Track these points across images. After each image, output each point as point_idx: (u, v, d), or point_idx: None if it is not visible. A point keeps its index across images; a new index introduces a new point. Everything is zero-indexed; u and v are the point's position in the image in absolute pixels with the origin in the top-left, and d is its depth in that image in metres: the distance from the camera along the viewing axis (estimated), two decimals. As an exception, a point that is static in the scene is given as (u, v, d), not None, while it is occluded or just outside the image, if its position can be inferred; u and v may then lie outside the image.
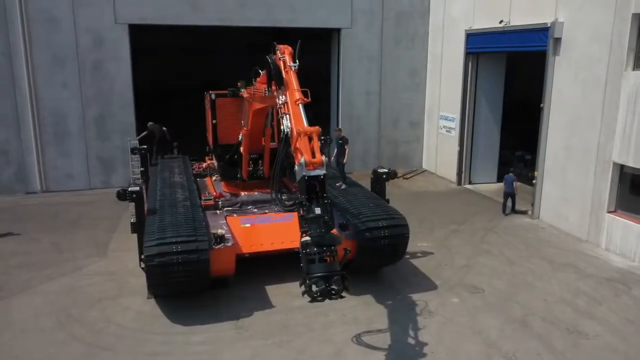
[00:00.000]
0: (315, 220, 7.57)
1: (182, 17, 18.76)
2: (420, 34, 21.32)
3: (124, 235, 14.56)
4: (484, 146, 19.61)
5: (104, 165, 19.12)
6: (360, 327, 9.82)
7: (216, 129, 14.62)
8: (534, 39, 15.06)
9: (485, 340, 9.41)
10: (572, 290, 11.30)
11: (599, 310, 10.42)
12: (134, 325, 10.02)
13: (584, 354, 8.94)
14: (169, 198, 12.13)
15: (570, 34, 14.00)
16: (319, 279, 7.27)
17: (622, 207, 13.15)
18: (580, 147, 13.95)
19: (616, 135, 12.78)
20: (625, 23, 12.33)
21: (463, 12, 18.90)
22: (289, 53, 9.21)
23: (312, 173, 7.70)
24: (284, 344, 9.33)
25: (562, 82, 14.43)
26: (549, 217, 15.26)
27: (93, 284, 11.72)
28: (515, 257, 13.13)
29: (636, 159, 12.34)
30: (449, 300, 10.93)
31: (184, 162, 16.37)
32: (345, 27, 20.52)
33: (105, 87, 18.54)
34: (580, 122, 13.87)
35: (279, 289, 11.44)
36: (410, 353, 9.02)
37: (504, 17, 16.47)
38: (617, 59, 12.64)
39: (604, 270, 12.25)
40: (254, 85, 11.55)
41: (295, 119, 8.44)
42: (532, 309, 10.49)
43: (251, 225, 11.73)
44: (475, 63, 18.78)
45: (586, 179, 13.81)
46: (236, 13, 19.27)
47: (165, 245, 9.51)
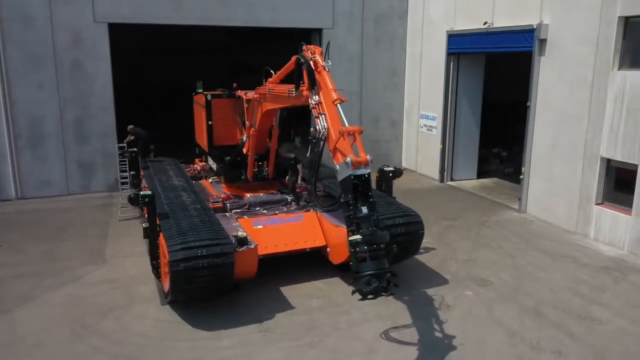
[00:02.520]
0: (366, 219, 7.65)
1: (162, 17, 18.29)
2: (399, 35, 21.72)
3: (118, 241, 14.18)
4: (464, 144, 20.22)
5: (83, 170, 18.38)
6: (385, 324, 9.96)
7: (212, 130, 14.39)
8: (520, 40, 15.69)
9: (507, 330, 9.76)
10: (574, 279, 11.89)
11: (603, 297, 11.02)
12: (155, 333, 9.74)
13: (602, 338, 9.44)
14: (177, 202, 11.85)
15: (556, 36, 14.69)
16: (372, 277, 7.36)
17: (608, 199, 13.93)
18: (567, 143, 14.66)
19: (604, 131, 13.52)
20: (611, 25, 13.07)
21: (443, 14, 19.42)
22: (320, 53, 9.23)
23: (358, 172, 7.77)
24: (315, 345, 9.34)
25: (548, 81, 15.11)
26: (536, 210, 15.95)
27: (99, 292, 11.30)
28: (513, 249, 13.66)
29: (623, 153, 13.12)
30: (462, 293, 11.25)
31: (175, 164, 16.01)
32: (327, 27, 20.63)
33: (84, 88, 17.82)
34: (567, 119, 14.57)
35: (294, 289, 11.43)
36: (440, 346, 9.24)
37: (486, 19, 17.05)
38: (603, 59, 13.38)
39: (597, 259, 12.95)
40: (264, 86, 11.47)
41: (333, 119, 8.49)
42: (541, 298, 10.97)
43: (263, 226, 11.66)
44: (457, 63, 19.34)
45: (574, 174, 14.53)
46: (217, 12, 18.99)
47: (190, 250, 9.31)
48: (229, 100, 14.44)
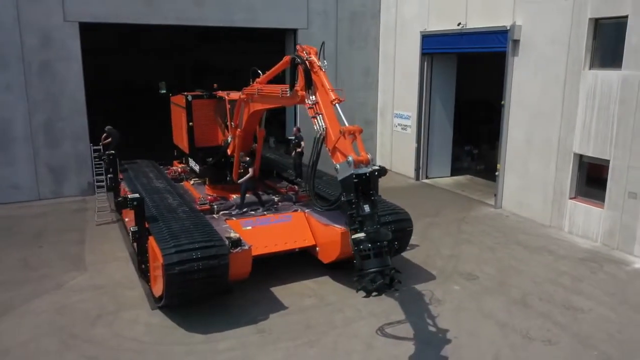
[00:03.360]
0: (369, 217, 7.75)
1: (136, 16, 17.93)
2: (372, 34, 21.98)
3: (97, 247, 13.84)
4: (438, 142, 20.65)
5: (54, 174, 17.79)
6: (380, 320, 10.10)
7: (192, 132, 14.20)
8: (493, 40, 16.15)
9: (497, 322, 10.07)
10: (554, 270, 12.35)
11: (583, 287, 11.50)
12: (149, 338, 9.57)
13: (586, 326, 9.86)
14: (163, 204, 11.67)
15: (529, 36, 15.20)
16: (376, 274, 7.46)
17: (581, 193, 14.53)
18: (541, 140, 15.20)
19: (576, 128, 14.09)
20: (582, 27, 13.63)
21: (416, 14, 19.77)
22: (315, 53, 9.27)
23: (360, 171, 7.86)
24: (313, 344, 9.38)
25: (521, 80, 15.62)
26: (512, 205, 16.46)
27: (84, 299, 10.99)
28: (494, 244, 14.06)
29: (595, 149, 13.71)
30: (450, 288, 11.53)
31: (154, 166, 15.72)
32: (302, 27, 20.67)
33: (54, 90, 17.26)
34: (541, 117, 15.11)
35: (285, 289, 11.44)
36: (436, 340, 9.44)
37: (460, 20, 17.47)
38: (575, 59, 13.94)
39: (574, 251, 13.49)
40: (251, 86, 11.41)
41: (331, 119, 8.56)
42: (526, 290, 11.35)
43: (252, 227, 11.61)
44: (430, 63, 19.72)
45: (547, 169, 15.08)
46: (192, 12, 18.74)
47: (185, 253, 9.20)
48: (209, 101, 14.28)
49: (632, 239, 12.97)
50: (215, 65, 35.31)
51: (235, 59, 34.56)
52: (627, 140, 12.84)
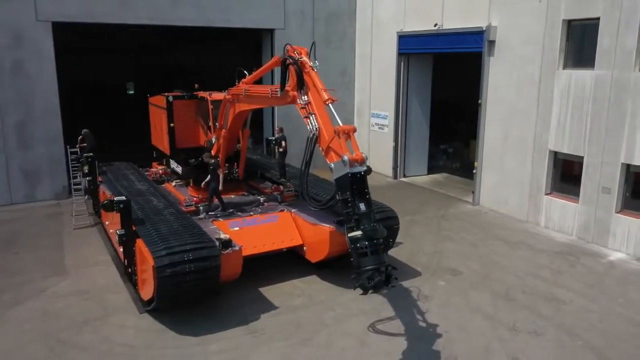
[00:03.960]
0: (366, 215, 7.84)
1: (111, 16, 17.59)
2: (348, 35, 22.14)
3: (76, 251, 13.56)
4: (415, 141, 20.95)
5: (27, 178, 17.28)
6: (370, 317, 10.22)
7: (173, 133, 14.03)
8: (470, 41, 16.51)
9: (484, 315, 10.32)
10: (534, 264, 12.72)
11: (562, 279, 11.89)
12: (140, 342, 9.44)
13: (569, 316, 10.21)
14: (148, 207, 11.51)
15: (504, 37, 15.60)
16: (374, 271, 7.56)
17: (556, 189, 15.00)
18: (517, 138, 15.62)
19: (551, 126, 14.55)
20: (556, 28, 14.08)
21: (393, 15, 20.01)
22: (306, 53, 9.31)
23: (355, 170, 7.95)
24: (307, 342, 9.43)
25: (497, 80, 16.02)
26: (489, 202, 16.86)
27: (68, 305, 10.75)
28: (475, 240, 14.38)
29: (570, 146, 14.18)
30: (436, 283, 11.74)
31: (134, 169, 15.47)
32: (279, 27, 20.66)
33: (27, 91, 16.77)
34: (517, 116, 15.53)
35: (273, 289, 11.44)
36: (427, 335, 9.62)
37: (436, 21, 17.79)
38: (549, 59, 14.38)
39: (551, 245, 13.92)
40: (237, 86, 11.37)
41: (324, 119, 8.62)
42: (509, 283, 11.67)
43: (240, 228, 11.57)
44: (407, 63, 20.00)
45: (524, 166, 15.51)
46: (167, 12, 18.51)
47: (176, 255, 9.12)
48: (190, 101, 14.14)
49: (606, 232, 13.47)
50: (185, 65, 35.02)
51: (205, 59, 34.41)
52: (601, 137, 13.33)
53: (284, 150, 14.38)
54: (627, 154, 12.84)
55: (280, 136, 14.45)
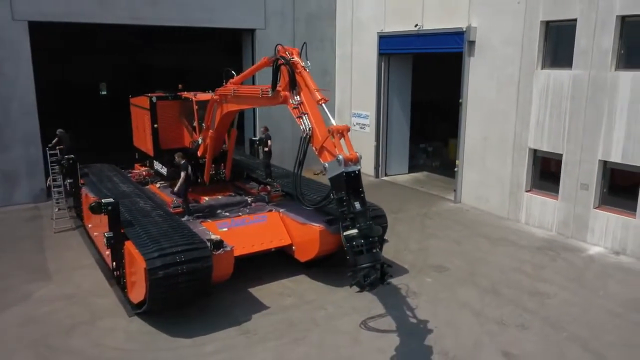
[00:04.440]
0: (361, 213, 7.94)
1: (89, 15, 17.30)
2: (329, 36, 22.24)
3: (59, 255, 13.35)
4: (396, 140, 21.19)
5: (4, 181, 16.87)
6: (361, 315, 10.33)
7: (157, 134, 13.90)
8: (450, 41, 16.79)
9: (472, 310, 10.54)
10: (517, 259, 13.03)
11: (545, 274, 12.22)
12: (132, 346, 9.36)
13: (553, 310, 10.51)
14: (135, 209, 11.39)
15: (484, 38, 15.92)
16: (370, 269, 7.66)
17: (536, 186, 15.38)
18: (497, 136, 15.96)
19: (531, 125, 14.91)
20: (535, 29, 14.44)
21: (373, 16, 20.19)
22: (297, 54, 9.36)
23: (350, 169, 8.04)
24: (299, 341, 9.48)
25: (478, 80, 16.33)
26: (470, 200, 17.18)
27: (55, 310, 10.57)
28: (458, 237, 14.64)
29: (549, 144, 14.56)
30: (424, 280, 11.93)
31: (116, 170, 15.26)
32: (260, 28, 20.63)
33: (2, 92, 16.37)
34: (497, 115, 15.86)
35: (262, 289, 11.46)
36: (418, 331, 9.77)
37: (416, 22, 18.02)
38: (528, 60, 14.74)
39: (532, 240, 14.27)
40: (225, 87, 11.35)
41: (317, 118, 8.69)
42: (494, 279, 11.93)
43: (229, 229, 11.55)
44: (387, 63, 20.22)
45: (504, 164, 15.86)
46: (148, 12, 18.29)
47: (168, 256, 9.07)
48: (174, 102, 14.03)
49: (585, 227, 13.89)
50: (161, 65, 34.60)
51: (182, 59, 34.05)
52: (579, 135, 13.73)
53: (269, 150, 14.38)
54: (604, 151, 13.26)
55: (265, 135, 14.45)
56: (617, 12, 12.61)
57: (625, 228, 13.03)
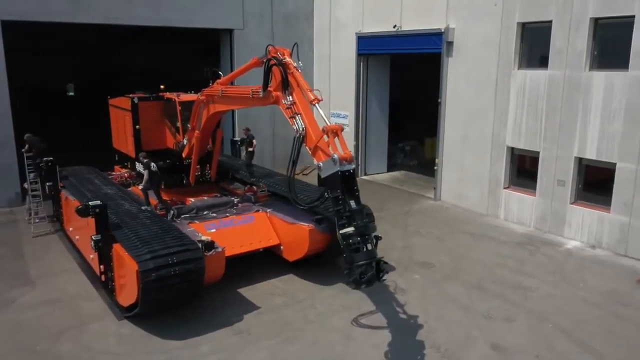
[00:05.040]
0: (358, 212, 8.05)
1: (63, 14, 16.91)
2: (307, 36, 22.32)
3: (40, 260, 13.08)
4: (375, 140, 21.42)
5: (-24, 184, 16.37)
6: (352, 312, 10.45)
7: (139, 135, 13.74)
8: (429, 42, 17.08)
9: (460, 305, 10.79)
10: (498, 255, 13.38)
11: (526, 268, 12.58)
12: (124, 349, 9.25)
13: (537, 303, 10.85)
14: (121, 211, 11.23)
15: (462, 39, 16.27)
16: (366, 266, 7.78)
17: (513, 183, 15.81)
18: (476, 135, 16.33)
19: (508, 123, 15.32)
20: (511, 30, 14.85)
21: (351, 17, 20.37)
22: (289, 54, 9.40)
23: (345, 168, 8.14)
24: (293, 340, 9.54)
25: (456, 80, 16.67)
26: (451, 197, 17.52)
27: (41, 315, 10.35)
28: (441, 234, 14.93)
29: (526, 142, 15.00)
30: (411, 277, 12.13)
31: (97, 172, 14.99)
32: (238, 28, 20.56)
33: (-27, 93, 15.89)
34: (475, 114, 16.23)
35: (252, 290, 11.47)
36: (409, 326, 9.95)
37: (395, 22, 18.28)
38: (505, 60, 15.14)
39: (512, 236, 14.67)
40: (211, 87, 11.31)
41: (310, 119, 8.76)
42: (479, 274, 12.23)
43: (217, 230, 11.51)
44: (366, 64, 20.43)
45: (483, 162, 16.24)
46: (123, 11, 17.99)
47: (161, 258, 8.99)
48: (156, 102, 13.90)
49: (562, 222, 14.35)
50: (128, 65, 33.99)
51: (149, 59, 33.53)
52: (555, 133, 14.19)
53: (253, 150, 14.34)
54: (580, 148, 13.74)
55: (248, 136, 14.41)
56: (591, 14, 13.09)
57: (601, 222, 13.53)
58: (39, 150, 15.06)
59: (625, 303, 10.84)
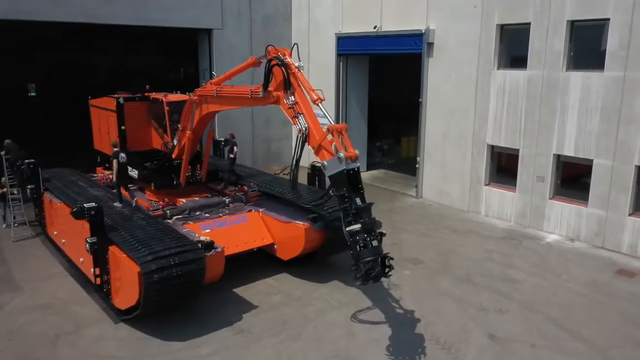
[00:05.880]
0: (365, 209, 8.21)
1: (41, 13, 16.46)
2: (285, 36, 22.36)
3: (24, 265, 12.83)
4: (354, 139, 21.06)
5: (-51, 189, 15.73)
6: (350, 308, 10.63)
7: (125, 136, 13.53)
8: (409, 43, 17.42)
9: (453, 298, 11.10)
10: (484, 249, 13.79)
11: (512, 261, 13.02)
12: (125, 352, 9.16)
13: (526, 294, 11.27)
14: (114, 212, 11.06)
15: (442, 40, 16.66)
16: (374, 262, 7.95)
17: (494, 180, 16.30)
18: (457, 133, 16.75)
19: (489, 122, 15.79)
20: (491, 32, 15.31)
21: (331, 17, 20.55)
22: (289, 55, 9.47)
23: (350, 166, 8.28)
24: (296, 337, 9.63)
25: (437, 80, 17.06)
26: (432, 195, 17.90)
27: (33, 321, 10.12)
28: (426, 230, 15.27)
29: (506, 140, 15.49)
30: (402, 273, 12.34)
31: (80, 174, 14.66)
32: (217, 27, 20.43)
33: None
34: (456, 113, 16.65)
35: (248, 289, 11.50)
36: (407, 320, 10.19)
37: (375, 23, 18.55)
38: (485, 60, 15.60)
39: (494, 231, 15.13)
40: (204, 87, 11.27)
41: (313, 118, 8.87)
42: (467, 269, 12.58)
43: (211, 230, 11.47)
44: (345, 64, 20.64)
45: (464, 160, 16.68)
46: (102, 10, 17.63)
47: (163, 259, 8.93)
48: (142, 103, 13.71)
49: (542, 217, 14.90)
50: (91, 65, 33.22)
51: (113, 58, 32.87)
52: (534, 131, 14.71)
53: (234, 156, 14.19)
54: (558, 145, 14.29)
55: (232, 142, 14.23)
56: (568, 17, 13.64)
57: (579, 216, 14.12)
58: (15, 156, 14.62)
59: (607, 292, 11.37)
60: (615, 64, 12.90)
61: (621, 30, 12.69)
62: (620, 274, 12.27)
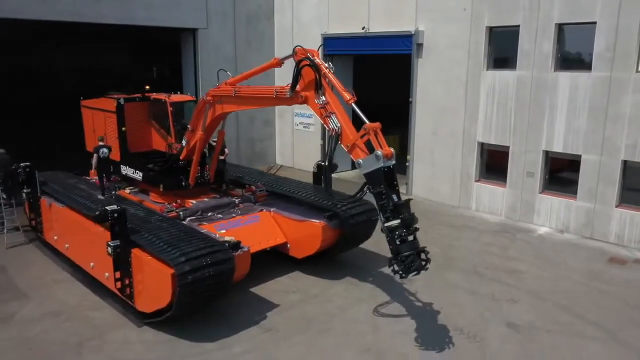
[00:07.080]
0: (403, 205, 8.48)
1: (27, 11, 15.80)
2: (267, 36, 22.40)
3: (25, 271, 12.50)
4: (340, 138, 21.84)
5: None
6: (370, 303, 10.89)
7: (125, 137, 13.29)
8: (399, 44, 17.84)
9: (465, 290, 11.55)
10: (482, 243, 14.35)
11: (511, 253, 13.62)
12: (155, 355, 9.08)
13: (531, 284, 11.83)
14: (130, 215, 10.84)
15: (432, 41, 17.16)
16: (414, 256, 8.23)
17: (484, 176, 16.93)
18: (447, 132, 17.30)
19: (479, 121, 16.40)
20: (480, 33, 15.92)
21: (315, 17, 20.73)
22: (317, 55, 9.59)
23: (387, 164, 8.52)
24: (324, 333, 9.80)
25: (426, 80, 17.55)
26: (422, 192, 18.39)
27: (48, 329, 9.86)
28: (423, 226, 15.21)
29: (496, 137, 16.15)
30: (410, 268, 12.73)
31: (76, 178, 14.25)
32: (202, 27, 20.23)
33: None
34: (446, 112, 17.19)
35: (264, 288, 11.57)
36: (427, 312, 10.55)
37: (362, 24, 18.87)
38: (475, 61, 16.19)
39: (488, 225, 15.74)
40: (218, 87, 11.23)
41: (345, 118, 9.05)
42: (471, 262, 13.08)
43: (226, 230, 11.44)
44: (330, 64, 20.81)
45: (454, 157, 17.25)
46: (89, 8, 17.16)
47: (195, 260, 8.91)
48: (142, 103, 13.48)
49: (532, 210, 15.63)
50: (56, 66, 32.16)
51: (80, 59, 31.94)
52: (524, 129, 15.41)
53: (224, 158, 14.14)
54: (547, 142, 15.03)
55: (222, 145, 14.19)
56: (556, 20, 14.38)
57: (568, 209, 14.91)
58: (5, 165, 14.09)
59: (604, 280, 12.09)
60: (602, 65, 13.71)
61: (607, 33, 13.50)
62: (612, 262, 13.07)
